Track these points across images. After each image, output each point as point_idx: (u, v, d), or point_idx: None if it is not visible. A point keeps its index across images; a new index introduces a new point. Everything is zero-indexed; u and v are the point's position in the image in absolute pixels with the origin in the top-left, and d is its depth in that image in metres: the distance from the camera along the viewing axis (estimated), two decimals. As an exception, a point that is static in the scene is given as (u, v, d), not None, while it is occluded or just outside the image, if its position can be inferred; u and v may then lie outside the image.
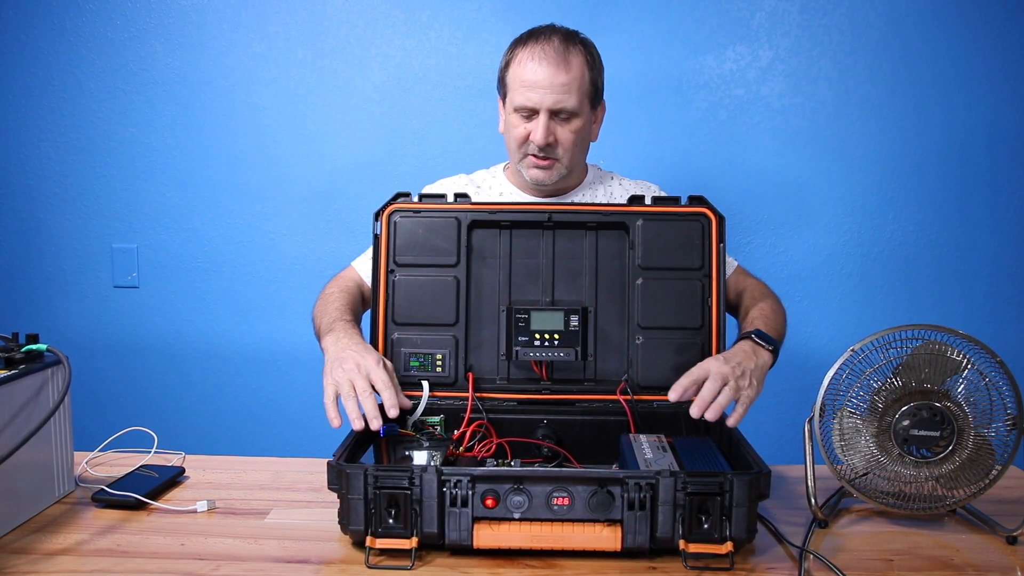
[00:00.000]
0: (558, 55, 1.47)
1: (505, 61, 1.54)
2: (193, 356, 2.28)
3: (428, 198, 1.37)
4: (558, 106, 1.46)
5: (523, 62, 1.48)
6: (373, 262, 1.36)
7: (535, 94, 1.46)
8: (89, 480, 1.28)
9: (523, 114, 1.49)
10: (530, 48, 1.49)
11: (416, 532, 1.02)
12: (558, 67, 1.46)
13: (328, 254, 2.23)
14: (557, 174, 1.54)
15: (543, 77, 1.45)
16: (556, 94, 1.46)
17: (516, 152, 1.54)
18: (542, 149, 1.49)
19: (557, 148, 1.50)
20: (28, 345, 1.16)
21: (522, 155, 1.53)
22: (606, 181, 1.67)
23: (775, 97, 2.16)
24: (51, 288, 2.28)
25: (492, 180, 1.67)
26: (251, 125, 2.20)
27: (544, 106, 1.46)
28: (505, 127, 1.57)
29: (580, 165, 1.61)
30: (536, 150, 1.50)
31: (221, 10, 2.17)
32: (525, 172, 1.55)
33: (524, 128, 1.50)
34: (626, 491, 1.01)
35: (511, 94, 1.51)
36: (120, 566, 1.01)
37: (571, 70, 1.47)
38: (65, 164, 2.24)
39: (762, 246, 2.20)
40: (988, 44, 2.11)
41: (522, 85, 1.48)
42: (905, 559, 1.06)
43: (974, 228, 2.19)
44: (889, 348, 1.15)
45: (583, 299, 1.36)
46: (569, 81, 1.46)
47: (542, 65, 1.46)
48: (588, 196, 1.64)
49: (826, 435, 1.17)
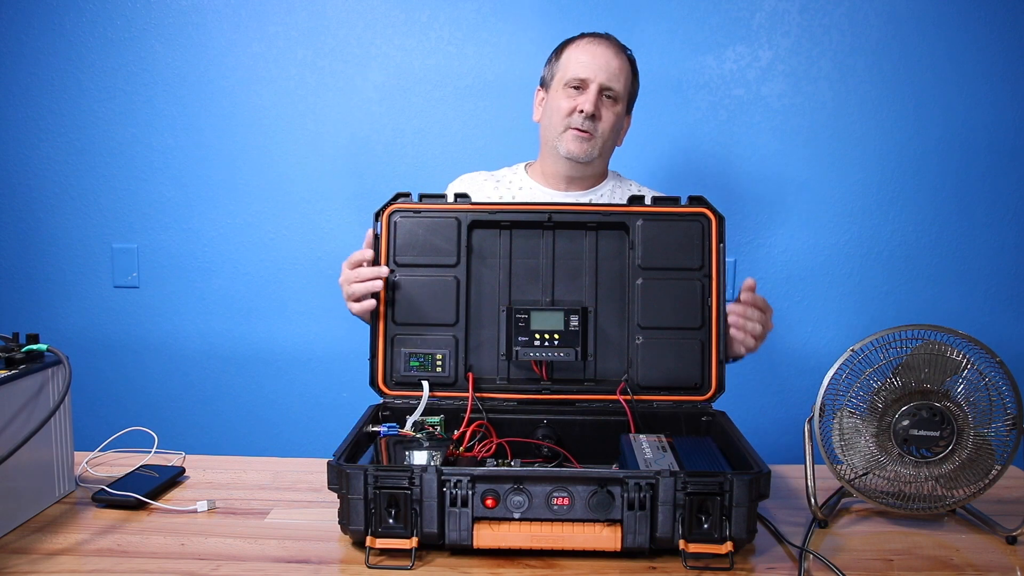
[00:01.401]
0: (615, 46, 1.63)
1: (556, 53, 1.67)
2: (193, 356, 2.28)
3: (428, 198, 1.37)
4: (609, 83, 1.59)
5: (582, 45, 1.63)
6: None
7: (591, 68, 1.59)
8: (89, 480, 1.29)
9: (573, 85, 1.60)
10: (589, 38, 1.64)
11: (416, 532, 1.02)
12: (614, 54, 1.62)
13: (328, 254, 2.24)
14: (592, 151, 1.62)
15: (601, 56, 1.60)
16: (609, 72, 1.60)
17: (558, 126, 1.61)
18: (587, 119, 1.58)
19: (598, 124, 1.60)
20: (28, 345, 1.16)
21: (564, 127, 1.61)
22: (624, 184, 1.73)
23: (775, 97, 2.16)
24: (51, 288, 2.28)
25: (513, 176, 1.74)
26: (251, 125, 2.20)
27: (597, 80, 1.59)
28: (545, 109, 1.66)
29: (607, 155, 1.68)
30: (580, 122, 1.59)
31: (221, 10, 2.17)
32: (563, 145, 1.61)
33: (571, 101, 1.60)
34: (626, 491, 1.01)
35: (563, 72, 1.62)
36: (120, 566, 1.01)
37: (623, 61, 1.63)
38: (65, 164, 2.24)
39: (762, 246, 2.20)
40: (988, 44, 2.12)
41: (578, 62, 1.60)
42: (905, 559, 1.06)
43: (974, 228, 2.19)
44: (889, 348, 1.15)
45: (583, 299, 1.36)
46: (620, 68, 1.62)
47: (601, 47, 1.62)
48: (608, 193, 1.70)
49: (826, 435, 1.17)
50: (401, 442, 1.19)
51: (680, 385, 1.33)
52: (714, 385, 1.33)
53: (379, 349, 1.34)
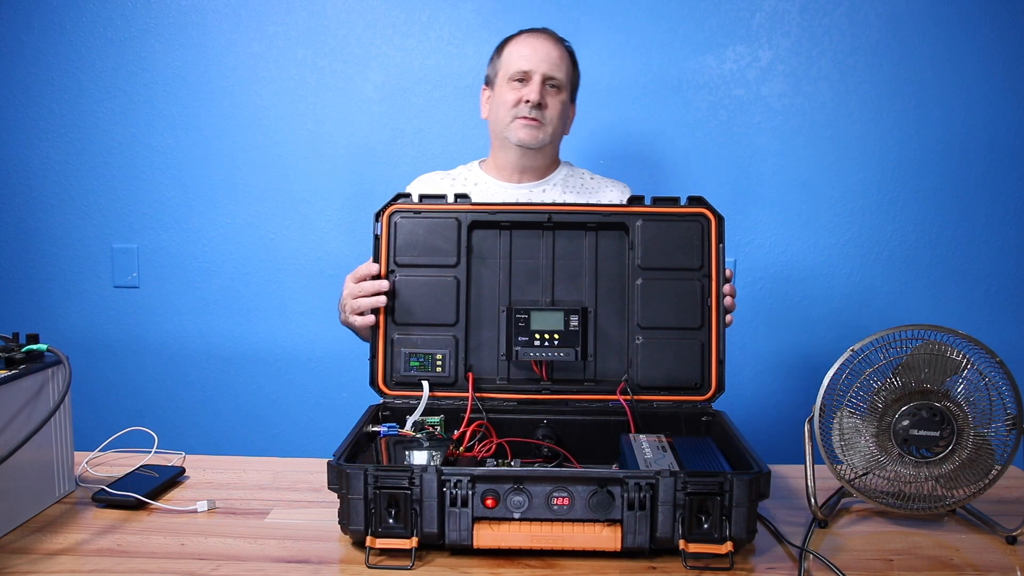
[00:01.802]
0: (553, 38, 1.69)
1: (497, 50, 1.72)
2: (193, 356, 2.28)
3: (428, 198, 1.37)
4: (551, 73, 1.65)
5: (521, 40, 1.69)
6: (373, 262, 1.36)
7: (532, 60, 1.65)
8: (89, 480, 1.28)
9: (517, 78, 1.65)
10: (528, 33, 1.70)
11: (416, 532, 1.02)
12: (553, 44, 1.68)
13: (328, 254, 2.24)
14: (542, 138, 1.66)
15: (540, 48, 1.66)
16: (550, 62, 1.65)
17: (506, 117, 1.66)
18: (533, 108, 1.63)
19: (545, 112, 1.65)
20: (28, 345, 1.16)
21: (511, 118, 1.66)
22: (577, 172, 1.78)
23: (775, 97, 2.16)
24: (51, 288, 2.28)
25: (468, 173, 1.78)
26: (251, 125, 2.20)
27: (540, 71, 1.64)
28: (492, 104, 1.71)
29: (557, 142, 1.73)
30: (528, 110, 1.63)
31: (221, 10, 2.17)
32: (513, 134, 1.66)
33: (517, 93, 1.65)
34: (626, 491, 1.01)
35: (505, 67, 1.67)
36: (120, 566, 1.01)
37: (562, 51, 1.69)
38: (65, 164, 2.24)
39: (762, 246, 2.20)
40: (988, 44, 2.12)
41: (519, 56, 1.66)
42: (905, 559, 1.06)
43: (974, 228, 2.19)
44: (889, 348, 1.15)
45: (583, 299, 1.36)
46: (561, 57, 1.67)
47: (539, 39, 1.68)
48: (560, 182, 1.74)
49: (826, 435, 1.17)
50: (401, 442, 1.19)
51: (680, 385, 1.33)
52: (714, 385, 1.32)
53: (379, 349, 1.34)
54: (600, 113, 2.16)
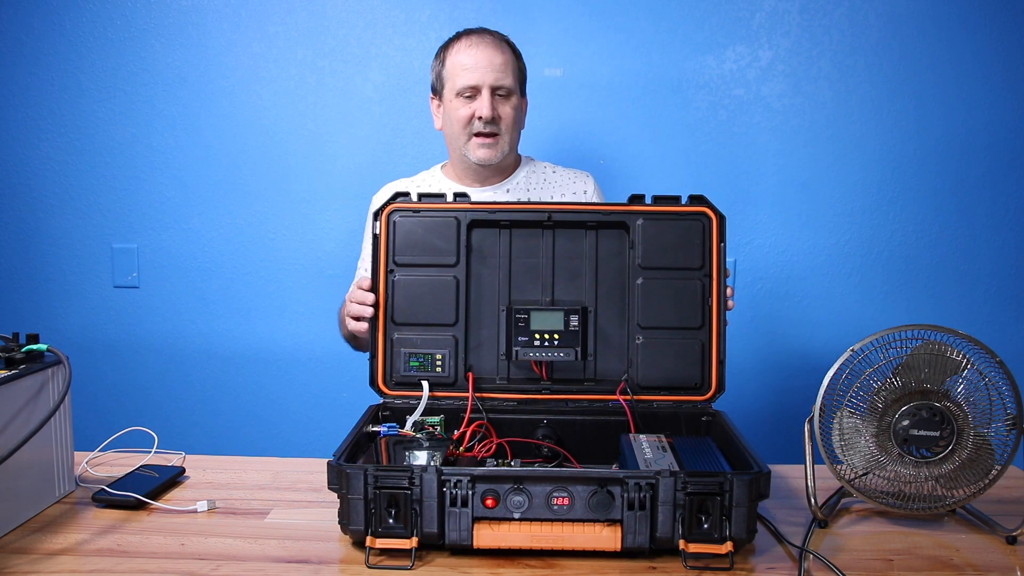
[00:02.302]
0: (493, 42, 1.65)
1: (440, 59, 1.69)
2: (193, 356, 2.28)
3: (427, 197, 1.37)
4: (498, 83, 1.62)
5: (461, 50, 1.64)
6: (372, 262, 1.36)
7: (477, 73, 1.61)
8: (89, 480, 1.29)
9: (466, 95, 1.62)
10: (465, 40, 1.66)
11: (416, 532, 1.02)
12: (495, 50, 1.63)
13: (328, 254, 2.24)
14: (501, 152, 1.65)
15: (483, 58, 1.62)
16: (496, 72, 1.62)
17: (461, 135, 1.64)
18: (487, 124, 1.61)
19: (500, 123, 1.63)
20: (28, 345, 1.16)
21: (467, 136, 1.64)
22: (539, 167, 1.77)
23: (775, 97, 2.16)
24: (51, 288, 2.28)
25: (431, 179, 1.77)
26: (251, 125, 2.20)
27: (486, 83, 1.61)
28: (445, 119, 1.68)
29: (516, 146, 1.71)
30: (482, 126, 1.62)
31: (221, 10, 2.17)
32: (471, 153, 1.64)
33: (468, 109, 1.62)
34: (626, 491, 1.01)
35: (451, 81, 1.64)
36: (120, 566, 1.01)
37: (505, 53, 1.65)
38: (65, 164, 2.24)
39: (762, 246, 2.20)
40: (988, 44, 2.12)
41: (463, 68, 1.62)
42: (905, 559, 1.06)
43: (974, 228, 2.19)
44: (889, 348, 1.15)
45: (583, 299, 1.36)
46: (505, 62, 1.63)
47: (480, 48, 1.63)
48: (523, 180, 1.73)
49: (826, 435, 1.17)
50: (401, 442, 1.19)
51: (680, 385, 1.33)
52: (714, 385, 1.32)
53: (379, 349, 1.34)
54: (600, 113, 2.16)
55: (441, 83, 1.68)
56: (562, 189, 1.75)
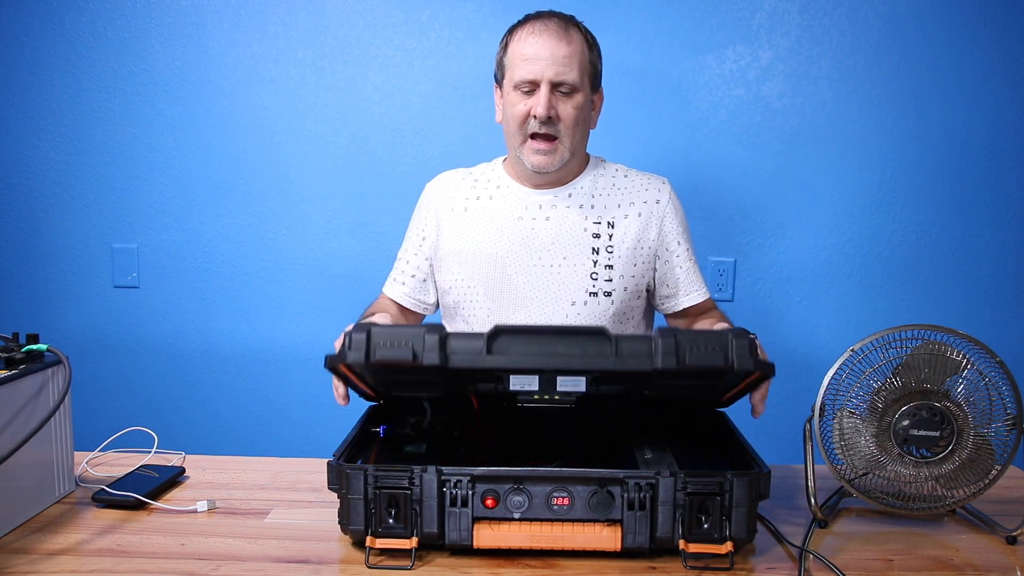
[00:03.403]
0: (559, 29, 1.46)
1: (503, 44, 1.53)
2: (193, 356, 2.28)
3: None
4: (559, 78, 1.44)
5: (523, 38, 1.47)
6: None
7: (536, 66, 1.44)
8: (89, 480, 1.29)
9: (524, 89, 1.46)
10: (530, 26, 1.48)
11: (416, 532, 1.02)
12: (559, 40, 1.44)
13: (328, 254, 2.24)
14: (559, 159, 1.48)
15: (544, 49, 1.44)
16: (557, 66, 1.43)
17: (516, 134, 1.49)
18: (544, 124, 1.44)
19: (559, 124, 1.46)
20: (28, 345, 1.16)
21: (523, 137, 1.48)
22: (609, 170, 1.62)
23: (775, 97, 2.16)
24: (51, 288, 2.28)
25: (491, 173, 1.62)
26: (251, 125, 2.20)
27: (546, 77, 1.43)
28: (503, 112, 1.53)
29: (581, 150, 1.56)
30: (538, 126, 1.45)
31: (221, 10, 2.17)
32: (526, 159, 1.49)
33: (525, 105, 1.46)
34: (626, 491, 1.01)
35: (511, 71, 1.48)
36: (120, 566, 1.01)
37: (572, 43, 1.46)
38: (65, 164, 2.24)
39: (762, 246, 2.20)
40: (988, 44, 2.12)
41: (523, 59, 1.45)
42: (905, 559, 1.06)
43: (974, 228, 2.19)
44: (889, 348, 1.15)
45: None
46: (570, 54, 1.45)
47: (542, 37, 1.45)
48: (588, 185, 1.57)
49: (826, 435, 1.17)
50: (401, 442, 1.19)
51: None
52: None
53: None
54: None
55: (502, 72, 1.52)
56: (631, 197, 1.56)
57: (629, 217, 1.54)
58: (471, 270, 1.55)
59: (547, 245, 1.52)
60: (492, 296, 1.54)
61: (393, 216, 2.20)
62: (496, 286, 1.53)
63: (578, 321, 1.51)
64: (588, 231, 1.53)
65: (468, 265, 1.55)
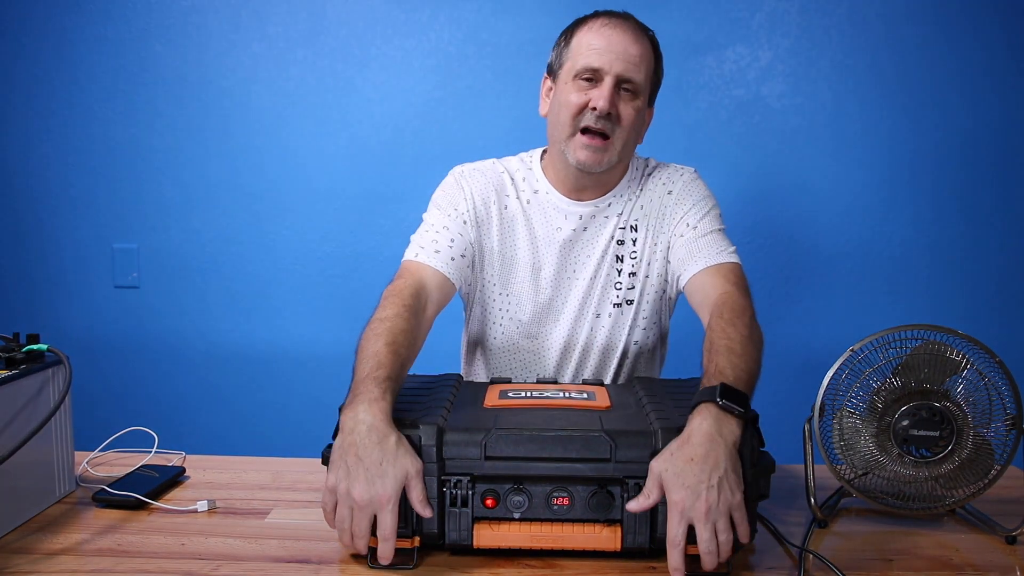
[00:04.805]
0: (634, 29, 1.39)
1: (566, 34, 1.43)
2: (193, 356, 2.28)
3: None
4: (627, 74, 1.35)
5: (596, 28, 1.37)
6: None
7: (606, 56, 1.34)
8: (90, 480, 1.28)
9: (584, 77, 1.35)
10: (603, 19, 1.39)
11: (416, 532, 1.02)
12: (633, 39, 1.37)
13: (328, 254, 2.24)
14: (607, 161, 1.38)
15: (617, 42, 1.35)
16: (627, 62, 1.35)
17: (568, 126, 1.36)
18: (601, 119, 1.34)
19: (616, 123, 1.36)
20: (29, 345, 1.16)
21: (573, 130, 1.36)
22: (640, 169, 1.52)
23: (775, 97, 2.16)
24: (51, 288, 2.28)
25: (528, 174, 1.48)
26: (251, 125, 2.20)
27: (613, 70, 1.34)
28: (553, 103, 1.41)
29: (627, 159, 1.46)
30: (593, 120, 1.34)
31: (221, 10, 2.17)
32: (571, 153, 1.37)
33: (584, 95, 1.35)
34: (626, 491, 1.01)
35: (574, 60, 1.37)
36: (120, 566, 1.01)
37: (644, 47, 1.38)
38: (66, 164, 2.24)
39: (762, 246, 2.20)
40: (988, 44, 2.12)
41: (591, 48, 1.35)
42: (905, 559, 1.06)
43: (974, 228, 2.19)
44: (889, 348, 1.15)
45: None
46: (641, 55, 1.37)
47: (617, 31, 1.36)
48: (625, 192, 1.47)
49: (826, 435, 1.17)
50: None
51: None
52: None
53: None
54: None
55: (560, 62, 1.40)
56: (650, 195, 1.48)
57: (649, 216, 1.47)
58: (506, 275, 1.47)
59: (582, 259, 1.46)
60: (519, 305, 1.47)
61: (393, 216, 2.20)
62: (528, 296, 1.47)
63: (601, 333, 1.46)
64: (615, 238, 1.46)
65: (504, 269, 1.47)
